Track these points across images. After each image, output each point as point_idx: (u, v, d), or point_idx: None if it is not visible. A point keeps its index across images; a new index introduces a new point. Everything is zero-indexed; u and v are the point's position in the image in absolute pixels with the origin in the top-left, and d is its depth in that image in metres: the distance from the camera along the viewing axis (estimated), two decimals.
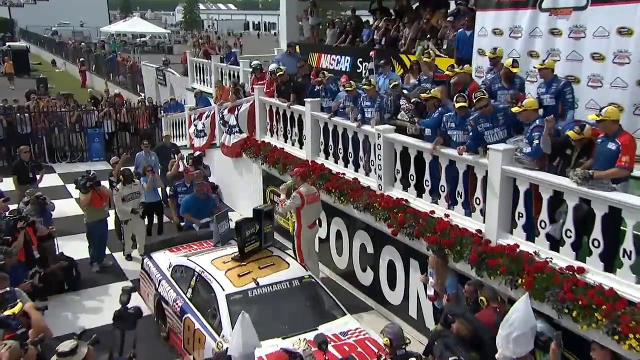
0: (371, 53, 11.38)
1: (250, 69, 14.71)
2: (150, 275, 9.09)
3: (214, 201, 11.37)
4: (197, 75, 20.41)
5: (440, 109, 8.20)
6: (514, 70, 8.55)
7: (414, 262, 8.53)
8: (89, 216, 10.86)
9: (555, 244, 6.65)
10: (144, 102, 21.53)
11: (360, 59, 14.01)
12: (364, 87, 9.82)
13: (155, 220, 12.60)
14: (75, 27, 62.95)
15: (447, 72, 9.28)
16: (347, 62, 15.10)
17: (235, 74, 17.21)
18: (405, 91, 9.54)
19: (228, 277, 7.78)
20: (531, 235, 6.90)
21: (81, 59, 38.30)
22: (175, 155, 14.80)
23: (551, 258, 6.52)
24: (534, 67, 8.45)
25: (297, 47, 15.63)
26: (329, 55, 16.60)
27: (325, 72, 11.29)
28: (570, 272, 6.22)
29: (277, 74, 12.37)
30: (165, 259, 9.18)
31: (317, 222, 9.49)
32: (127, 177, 11.44)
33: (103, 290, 10.25)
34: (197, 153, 13.73)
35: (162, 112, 19.79)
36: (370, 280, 9.69)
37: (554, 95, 7.92)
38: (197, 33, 62.28)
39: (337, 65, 16.36)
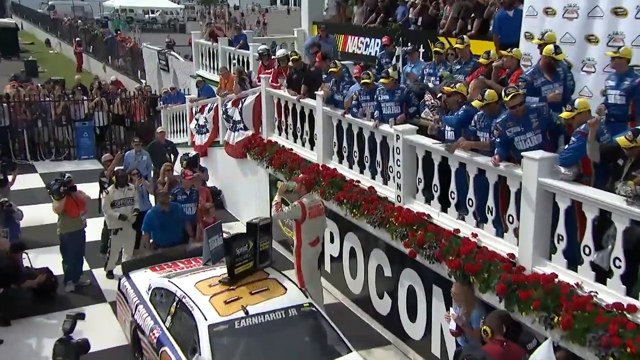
0: (384, 39, 11.21)
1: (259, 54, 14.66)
2: (127, 298, 9.07)
3: (182, 213, 11.16)
4: (203, 61, 20.51)
5: (465, 106, 7.99)
6: (559, 57, 8.26)
7: (437, 290, 8.37)
8: (63, 227, 10.90)
9: (601, 274, 6.42)
10: (142, 90, 21.65)
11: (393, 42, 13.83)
12: (382, 81, 9.71)
13: None
14: (74, 1, 63.73)
15: (481, 60, 9.05)
16: (378, 46, 14.93)
17: (244, 60, 17.18)
18: (431, 84, 9.34)
19: (213, 304, 7.69)
20: (573, 263, 6.69)
21: (77, 39, 38.81)
22: (172, 156, 14.89)
23: (596, 292, 6.29)
24: (608, 55, 8.10)
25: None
26: (356, 38, 16.52)
27: (337, 60, 11.07)
28: (619, 311, 6.00)
29: (292, 59, 12.22)
30: (145, 279, 9.15)
31: (321, 238, 9.36)
32: (120, 179, 11.49)
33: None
34: (193, 153, 13.69)
35: (160, 103, 19.86)
36: (388, 309, 9.57)
37: (626, 93, 7.60)
38: (213, 9, 62.65)
39: (365, 50, 16.25)
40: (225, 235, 8.85)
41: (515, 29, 10.32)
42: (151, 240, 10.83)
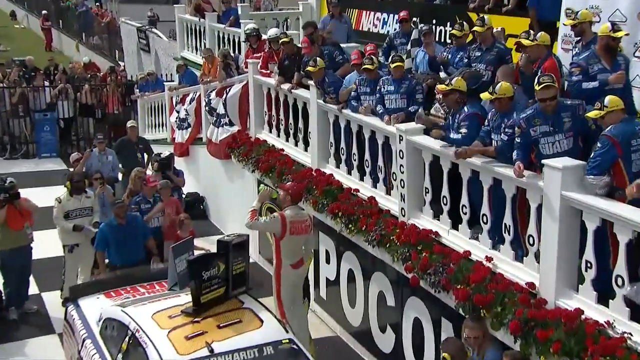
0: (401, 13, 11.09)
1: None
2: (74, 330, 9.02)
3: (143, 226, 11.16)
4: (188, 40, 20.55)
5: (467, 107, 7.96)
6: (618, 34, 8.08)
7: (447, 324, 8.30)
8: (2, 242, 10.89)
9: (637, 312, 6.32)
10: (116, 75, 21.68)
11: (415, 19, 13.71)
12: (394, 65, 9.59)
13: None
14: None
15: (523, 41, 8.85)
16: (397, 23, 14.78)
17: (235, 40, 17.16)
18: (444, 73, 9.32)
19: (171, 340, 7.60)
20: (604, 297, 6.58)
21: (44, 12, 38.97)
22: (145, 156, 14.90)
23: (630, 334, 6.18)
24: None
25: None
26: (371, 13, 16.41)
27: (317, 58, 10.95)
28: None
29: (281, 42, 12.20)
30: (96, 307, 9.08)
31: (306, 260, 9.31)
32: (76, 185, 11.51)
33: (18, 348, 10.28)
34: (167, 152, 13.69)
35: (137, 90, 19.93)
36: (392, 345, 9.55)
37: None
38: None
39: (382, 27, 16.15)
40: (198, 253, 8.87)
41: (555, 4, 10.24)
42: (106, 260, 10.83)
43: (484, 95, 7.77)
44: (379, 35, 15.71)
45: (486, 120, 7.90)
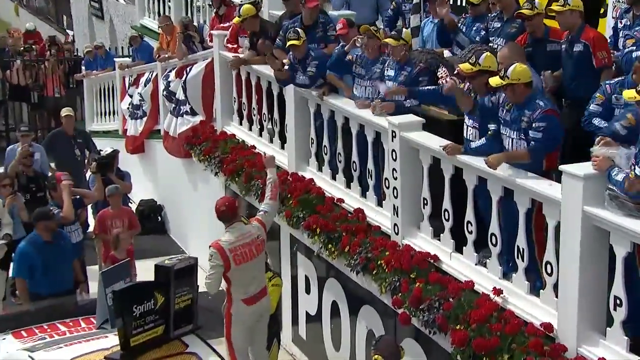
0: None
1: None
2: None
3: (71, 245, 11.19)
4: (149, 4, 20.60)
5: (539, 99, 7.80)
6: None
7: None
8: None
9: None
10: (58, 48, 21.70)
11: None
12: (389, 40, 9.63)
13: None
14: None
15: (524, 11, 8.92)
16: None
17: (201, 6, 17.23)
18: (448, 52, 9.32)
19: None
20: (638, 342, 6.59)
21: None
22: (85, 154, 14.91)
23: None
24: None
25: None
26: None
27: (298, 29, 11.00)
28: None
29: (242, 18, 12.13)
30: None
31: (268, 293, 9.30)
32: None
33: None
34: (109, 149, 13.72)
35: (83, 68, 20.02)
36: None
37: None
38: None
39: None
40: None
41: None
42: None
43: (493, 81, 7.74)
44: None
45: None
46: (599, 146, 6.74)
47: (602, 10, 10.50)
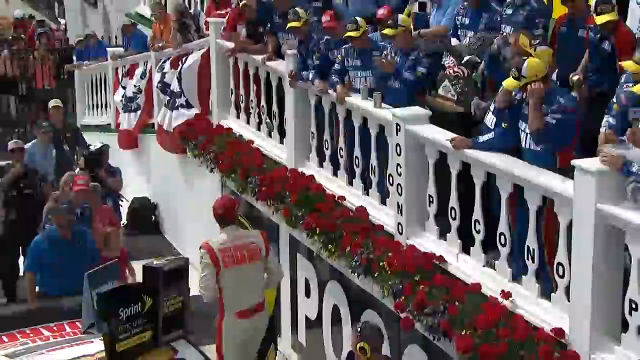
0: None
1: None
2: None
3: (90, 244, 11.20)
4: None
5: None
6: None
7: None
8: None
9: None
10: (48, 37, 21.73)
11: None
12: (386, 32, 9.71)
13: None
14: None
15: None
16: None
17: None
18: (455, 40, 9.29)
19: None
20: None
21: None
22: (74, 150, 14.91)
23: None
24: None
25: None
26: None
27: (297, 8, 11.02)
28: None
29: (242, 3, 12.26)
30: None
31: (266, 307, 9.23)
32: None
33: None
34: (98, 144, 13.71)
35: (74, 59, 20.05)
36: None
37: None
38: None
39: None
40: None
41: None
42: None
43: (509, 84, 7.73)
44: None
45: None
46: (607, 146, 6.78)
47: None
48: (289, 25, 10.92)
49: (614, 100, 7.71)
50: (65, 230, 10.84)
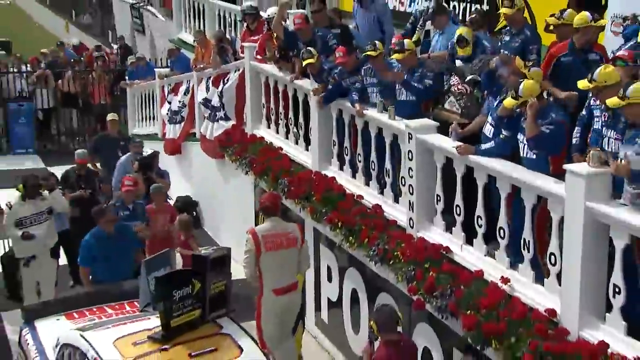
0: None
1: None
2: (28, 357, 9.04)
3: (133, 237, 11.26)
4: (186, 20, 20.64)
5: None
6: None
7: (458, 356, 8.23)
8: None
9: None
10: (104, 60, 21.76)
11: None
12: (395, 56, 9.67)
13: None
14: None
15: (549, 19, 8.88)
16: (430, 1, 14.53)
17: (232, 20, 17.19)
18: (459, 61, 9.21)
19: None
20: (636, 328, 6.49)
21: None
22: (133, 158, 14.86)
23: None
24: None
25: None
26: None
27: (310, 49, 10.92)
28: None
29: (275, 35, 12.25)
30: (54, 330, 9.12)
31: (300, 285, 9.31)
32: (30, 188, 11.53)
33: None
34: (149, 151, 13.74)
35: (126, 78, 20.03)
36: None
37: None
38: None
39: (409, 6, 15.94)
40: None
41: None
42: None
43: (508, 103, 7.67)
44: (406, 16, 15.48)
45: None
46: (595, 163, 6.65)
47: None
48: (304, 62, 10.82)
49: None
50: (110, 228, 10.76)
